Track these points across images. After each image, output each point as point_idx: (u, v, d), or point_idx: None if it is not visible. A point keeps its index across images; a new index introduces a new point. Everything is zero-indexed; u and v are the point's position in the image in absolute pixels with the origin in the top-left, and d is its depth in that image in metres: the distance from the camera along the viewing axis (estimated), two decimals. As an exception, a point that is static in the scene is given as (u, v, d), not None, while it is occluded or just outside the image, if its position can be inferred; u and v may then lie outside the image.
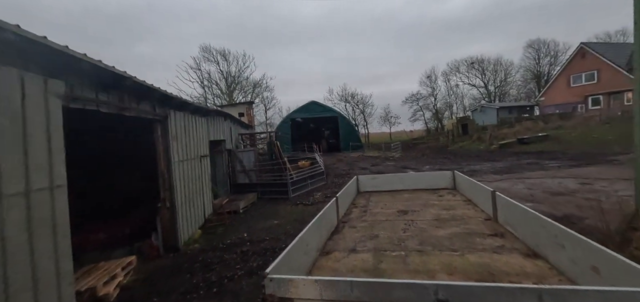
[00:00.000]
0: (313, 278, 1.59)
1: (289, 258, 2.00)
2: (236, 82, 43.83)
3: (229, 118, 14.69)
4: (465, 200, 4.27)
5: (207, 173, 10.18)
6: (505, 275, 2.06)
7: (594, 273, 1.75)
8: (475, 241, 2.71)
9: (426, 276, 2.11)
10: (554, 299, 1.29)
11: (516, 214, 2.78)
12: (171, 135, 7.41)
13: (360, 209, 4.18)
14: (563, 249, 2.04)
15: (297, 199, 12.24)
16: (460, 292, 1.38)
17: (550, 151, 20.97)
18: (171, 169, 7.31)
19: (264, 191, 13.09)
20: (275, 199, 12.57)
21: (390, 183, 5.45)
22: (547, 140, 24.59)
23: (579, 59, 37.83)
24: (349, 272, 2.27)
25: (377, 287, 1.49)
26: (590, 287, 1.31)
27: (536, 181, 11.82)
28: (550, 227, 2.20)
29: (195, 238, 8.13)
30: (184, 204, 7.93)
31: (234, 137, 15.69)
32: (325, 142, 42.23)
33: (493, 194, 3.28)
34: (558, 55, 49.55)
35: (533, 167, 15.33)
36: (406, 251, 2.59)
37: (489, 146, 26.01)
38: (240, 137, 16.65)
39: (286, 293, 1.61)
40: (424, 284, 1.42)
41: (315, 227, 2.65)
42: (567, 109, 36.78)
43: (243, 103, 26.60)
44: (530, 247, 2.45)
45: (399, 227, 3.25)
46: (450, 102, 63.63)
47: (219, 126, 12.45)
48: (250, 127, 23.96)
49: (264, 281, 1.64)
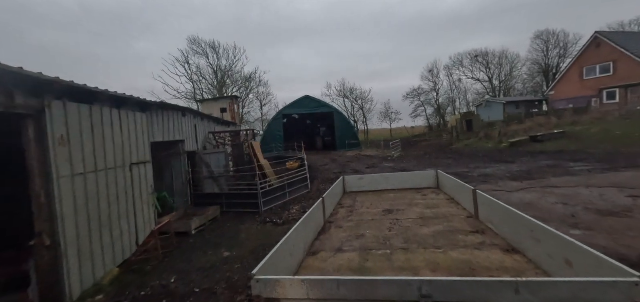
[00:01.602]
0: (300, 278, 1.61)
1: (276, 259, 2.01)
2: (227, 76, 41.33)
3: (193, 114, 12.26)
4: (448, 199, 4.35)
5: (146, 185, 7.78)
6: (486, 270, 2.16)
7: (568, 266, 1.85)
8: (457, 238, 2.80)
9: (411, 273, 2.19)
10: (529, 290, 1.38)
11: (496, 212, 2.89)
12: (54, 138, 4.99)
13: (346, 209, 4.20)
14: (539, 243, 2.15)
15: (269, 214, 9.85)
16: (442, 287, 1.46)
17: (570, 150, 18.47)
18: (52, 189, 4.90)
19: (230, 203, 10.68)
20: (243, 213, 10.18)
21: (376, 183, 5.49)
22: (563, 138, 22.08)
23: (593, 49, 35.14)
24: (336, 272, 2.31)
25: (363, 285, 1.53)
26: (562, 279, 1.44)
27: (568, 191, 9.37)
28: (528, 223, 2.30)
29: (105, 283, 5.74)
30: (86, 237, 5.53)
31: (203, 136, 13.28)
32: (320, 140, 39.75)
33: (474, 193, 3.40)
34: (568, 46, 46.75)
35: (556, 170, 12.89)
36: (391, 249, 2.67)
37: (498, 145, 23.52)
38: (212, 136, 14.24)
39: (273, 294, 1.61)
40: (408, 281, 1.50)
41: (302, 228, 2.67)
42: (581, 103, 34.16)
43: (226, 97, 24.12)
44: (509, 243, 2.57)
45: (384, 226, 3.32)
46: (453, 97, 61.07)
47: (171, 124, 10.04)
48: (234, 124, 21.55)
49: (251, 282, 1.65)
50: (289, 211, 9.95)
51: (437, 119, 61.81)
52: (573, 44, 46.32)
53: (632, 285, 1.34)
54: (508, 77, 57.08)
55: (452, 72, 58.64)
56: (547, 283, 1.40)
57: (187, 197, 10.94)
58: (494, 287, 1.42)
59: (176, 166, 10.86)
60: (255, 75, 44.42)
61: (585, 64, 35.67)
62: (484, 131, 28.06)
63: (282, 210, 10.14)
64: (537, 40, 48.79)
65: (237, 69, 42.36)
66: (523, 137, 23.53)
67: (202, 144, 13.04)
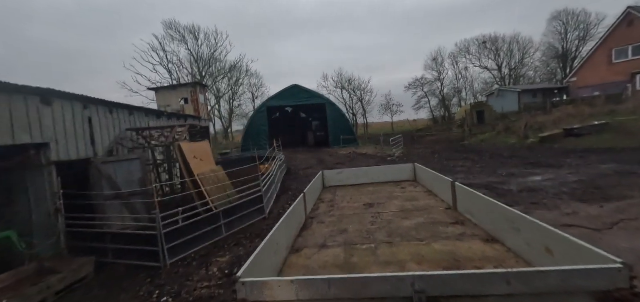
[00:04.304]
0: (289, 279, 1.56)
1: (260, 259, 1.93)
2: (209, 65, 36.88)
3: (83, 101, 7.98)
4: (426, 191, 4.39)
5: None
6: (469, 261, 2.17)
7: (548, 254, 1.88)
8: (439, 230, 2.84)
9: (397, 267, 2.19)
10: (521, 281, 1.41)
11: (474, 202, 2.94)
12: None
13: (327, 204, 4.17)
14: (519, 232, 2.18)
15: (176, 275, 5.61)
16: (435, 281, 1.44)
17: (626, 147, 14.08)
18: None
19: (119, 251, 6.41)
20: (138, 268, 5.94)
21: (355, 177, 5.53)
22: (606, 131, 17.69)
23: (624, 28, 30.46)
24: (321, 269, 2.27)
25: (355, 284, 1.49)
26: (550, 268, 1.45)
27: None
28: (506, 213, 2.34)
29: None
30: None
31: (112, 135, 9.02)
32: (312, 135, 35.35)
33: (453, 185, 3.42)
34: (590, 28, 41.93)
35: (632, 180, 8.63)
36: (376, 243, 2.65)
37: (523, 140, 19.14)
38: (136, 135, 9.97)
39: (260, 296, 1.54)
40: (401, 277, 1.47)
41: (284, 225, 2.60)
42: (611, 89, 29.57)
43: (186, 84, 19.72)
44: (488, 233, 2.60)
45: (366, 220, 3.31)
46: (458, 87, 56.45)
47: (13, 115, 5.79)
48: (197, 119, 17.24)
49: (236, 285, 1.57)
50: (207, 267, 5.67)
51: (441, 111, 57.32)
52: (595, 24, 41.54)
53: (616, 271, 1.37)
54: (518, 65, 52.37)
55: (457, 60, 53.96)
56: (537, 273, 1.44)
57: (55, 237, 6.68)
58: (486, 279, 1.44)
59: (36, 186, 6.62)
60: (240, 64, 39.94)
61: (615, 45, 31.00)
62: (503, 124, 23.62)
63: (200, 265, 5.87)
64: (554, 22, 44.04)
65: (219, 56, 37.88)
66: (554, 130, 19.13)
67: (108, 147, 8.77)
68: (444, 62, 53.86)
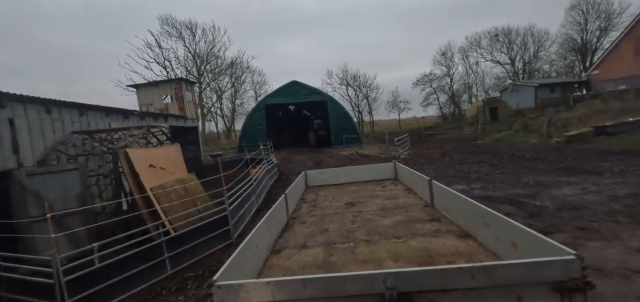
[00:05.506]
0: (264, 280, 1.56)
1: (238, 261, 1.92)
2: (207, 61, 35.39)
3: (4, 98, 6.35)
4: (406, 189, 4.46)
5: None
6: (443, 256, 2.22)
7: (513, 247, 1.95)
8: (416, 227, 2.86)
9: (374, 265, 2.19)
10: (484, 275, 1.45)
11: (450, 200, 2.98)
12: None
13: (309, 204, 4.17)
14: (489, 227, 2.23)
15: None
16: (405, 277, 1.49)
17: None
18: None
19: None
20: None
21: (337, 177, 5.56)
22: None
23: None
24: (301, 269, 2.26)
25: (330, 282, 1.51)
26: (511, 261, 1.51)
27: None
28: (478, 210, 2.37)
29: None
30: None
31: (49, 139, 7.40)
32: (313, 134, 33.48)
33: (430, 183, 3.46)
34: (612, 17, 39.04)
35: None
36: (355, 242, 2.67)
37: (546, 140, 17.02)
38: (87, 139, 8.33)
39: (236, 299, 1.52)
40: (374, 274, 1.50)
41: (265, 226, 2.59)
42: (638, 82, 26.98)
43: (169, 80, 18.13)
44: (462, 229, 2.65)
45: (347, 219, 3.31)
46: (469, 82, 54.02)
47: None
48: (183, 118, 15.65)
49: (212, 289, 1.54)
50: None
51: (451, 108, 54.96)
52: (618, 13, 38.63)
53: (569, 262, 1.43)
54: (533, 58, 49.58)
55: (468, 54, 51.54)
56: (498, 266, 1.49)
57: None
58: (452, 274, 1.48)
59: None
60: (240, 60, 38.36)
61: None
62: (520, 121, 21.45)
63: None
64: (572, 12, 41.20)
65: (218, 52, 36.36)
66: (581, 128, 16.97)
67: (41, 155, 7.14)
68: (453, 56, 51.61)
